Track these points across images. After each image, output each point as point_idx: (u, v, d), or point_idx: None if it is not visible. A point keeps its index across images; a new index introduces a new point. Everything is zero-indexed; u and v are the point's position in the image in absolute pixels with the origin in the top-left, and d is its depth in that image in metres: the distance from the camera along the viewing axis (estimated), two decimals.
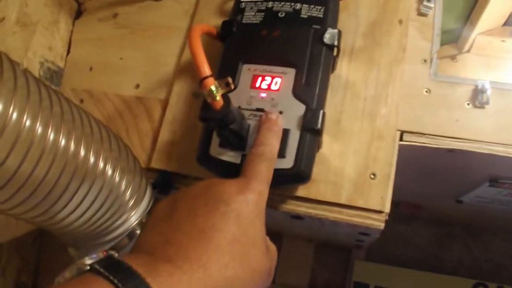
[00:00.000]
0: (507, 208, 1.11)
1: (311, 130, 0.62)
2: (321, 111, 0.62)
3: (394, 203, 0.70)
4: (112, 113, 0.84)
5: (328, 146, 0.70)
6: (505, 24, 1.54)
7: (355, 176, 0.69)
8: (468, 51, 0.95)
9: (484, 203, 1.08)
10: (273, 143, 0.58)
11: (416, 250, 1.61)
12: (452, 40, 1.83)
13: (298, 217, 0.74)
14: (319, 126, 0.62)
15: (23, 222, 0.63)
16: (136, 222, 0.64)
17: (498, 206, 1.09)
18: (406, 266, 1.56)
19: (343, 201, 0.68)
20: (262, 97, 0.64)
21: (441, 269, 1.57)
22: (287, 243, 1.60)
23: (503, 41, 1.04)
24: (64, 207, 0.56)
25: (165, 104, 0.81)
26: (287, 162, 0.61)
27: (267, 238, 0.54)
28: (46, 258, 0.89)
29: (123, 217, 0.62)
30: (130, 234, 0.64)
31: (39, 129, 0.49)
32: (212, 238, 0.44)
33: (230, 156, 0.63)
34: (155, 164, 0.76)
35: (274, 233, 1.48)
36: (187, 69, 0.81)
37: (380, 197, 0.68)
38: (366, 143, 0.70)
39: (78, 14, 0.96)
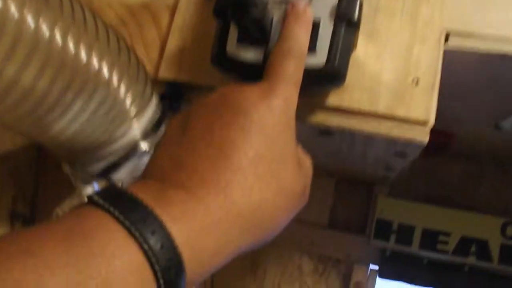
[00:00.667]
0: None
1: (346, 21, 0.52)
2: (356, 2, 0.52)
3: None
4: (115, 22, 0.74)
5: (362, 48, 0.60)
6: None
7: (394, 82, 0.59)
8: None
9: None
10: (302, 37, 0.48)
11: (443, 186, 1.53)
12: None
13: (327, 132, 0.64)
14: (356, 16, 0.52)
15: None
16: (140, 133, 0.55)
17: None
18: (432, 204, 1.48)
19: (381, 110, 0.59)
20: None
21: (469, 206, 1.49)
22: None
23: None
24: (52, 109, 0.47)
25: (173, 9, 0.71)
26: (318, 59, 0.51)
27: (300, 149, 0.45)
28: (44, 187, 0.81)
29: (124, 127, 0.53)
30: (133, 148, 0.55)
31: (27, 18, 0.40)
32: (231, 156, 0.37)
33: (250, 54, 0.53)
34: (163, 74, 0.67)
35: None
36: None
37: (424, 107, 0.58)
38: (406, 44, 0.60)
39: None
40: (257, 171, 0.37)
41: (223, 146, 0.38)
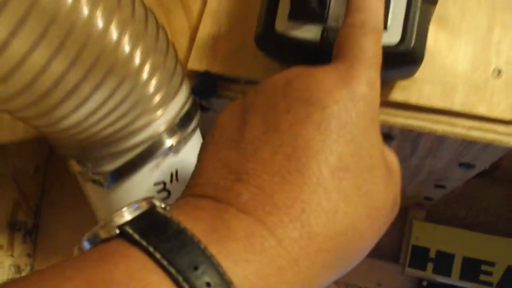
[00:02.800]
0: None
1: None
2: None
3: None
4: None
5: (433, 34, 0.51)
6: None
7: (472, 74, 0.50)
8: None
9: None
10: (377, 7, 0.37)
11: (483, 212, 1.44)
12: None
13: (387, 136, 0.55)
14: None
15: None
16: (165, 127, 0.46)
17: None
18: (471, 230, 1.39)
19: (456, 107, 0.49)
20: None
21: (511, 234, 1.40)
22: None
23: None
24: (67, 97, 0.38)
25: None
26: (391, 36, 0.42)
27: (385, 148, 0.35)
28: (49, 196, 0.72)
29: (146, 117, 0.44)
30: (155, 143, 0.46)
31: None
32: (308, 167, 0.28)
33: (305, 31, 0.44)
34: (193, 64, 0.58)
35: None
36: None
37: (509, 102, 0.49)
38: (484, 30, 0.51)
39: None
40: (341, 186, 0.28)
41: (296, 153, 0.28)
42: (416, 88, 0.50)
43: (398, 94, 0.50)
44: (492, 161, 0.57)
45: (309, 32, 0.43)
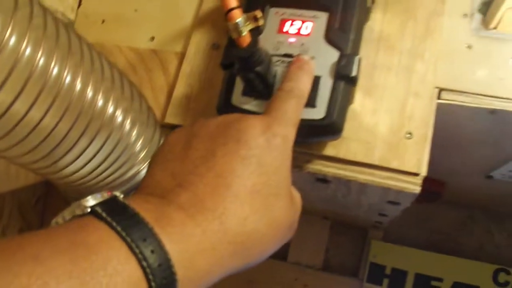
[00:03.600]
0: None
1: (345, 78, 0.56)
2: (357, 57, 0.56)
3: None
4: (125, 67, 0.78)
5: (360, 102, 0.64)
6: None
7: (389, 135, 0.63)
8: (495, 28, 0.87)
9: None
10: (304, 80, 0.51)
11: (435, 232, 1.56)
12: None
13: (324, 180, 0.68)
14: (354, 73, 0.56)
15: (24, 175, 0.57)
16: None
17: None
18: (424, 249, 1.51)
19: (375, 161, 0.62)
20: (291, 42, 0.58)
21: (461, 252, 1.51)
22: (302, 220, 1.53)
23: None
24: (66, 154, 0.50)
25: (181, 57, 0.75)
26: (318, 112, 0.55)
27: (292, 186, 0.48)
28: (50, 220, 0.84)
29: (133, 170, 0.57)
30: None
31: (41, 60, 0.43)
32: (231, 185, 0.39)
33: (254, 105, 0.57)
34: (170, 119, 0.70)
35: None
36: (207, 20, 0.75)
37: (416, 159, 0.62)
38: (401, 100, 0.64)
39: None
40: (253, 202, 0.39)
41: (224, 173, 0.39)
42: (345, 145, 0.63)
43: (330, 150, 0.63)
44: (411, 201, 0.70)
45: (257, 106, 0.57)
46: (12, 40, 0.40)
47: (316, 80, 0.55)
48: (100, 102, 0.51)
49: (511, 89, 0.66)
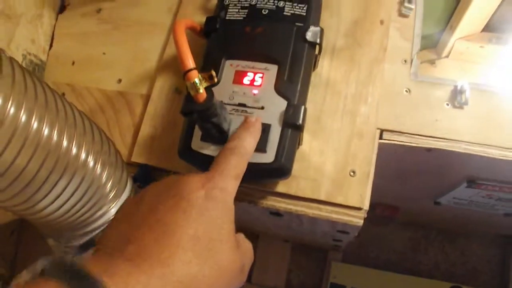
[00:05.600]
0: (483, 211, 1.13)
1: (292, 125, 0.62)
2: (303, 107, 0.63)
3: (371, 206, 0.70)
4: (94, 107, 0.84)
5: (308, 143, 0.71)
6: (483, 30, 1.56)
7: (334, 173, 0.70)
8: (447, 56, 0.96)
9: (461, 205, 1.09)
10: (247, 139, 0.57)
11: (392, 252, 1.63)
12: (432, 45, 1.85)
13: (277, 213, 0.74)
14: (300, 121, 0.62)
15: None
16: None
17: (475, 208, 1.11)
18: (382, 269, 1.58)
19: (322, 197, 0.69)
20: (244, 93, 0.65)
21: (417, 272, 1.59)
22: (264, 243, 1.61)
23: (481, 47, 1.06)
24: (45, 197, 0.55)
25: (146, 99, 0.81)
26: (268, 157, 0.61)
27: (241, 235, 0.53)
28: (23, 251, 0.89)
29: (103, 209, 0.62)
30: None
31: (23, 118, 0.49)
32: (174, 233, 0.43)
33: (211, 150, 0.63)
34: (136, 158, 0.76)
35: (250, 233, 1.50)
36: (170, 65, 0.81)
37: (359, 194, 0.69)
38: (345, 140, 0.71)
39: (62, 8, 0.96)
40: (195, 248, 0.43)
41: (167, 224, 0.43)
42: (295, 183, 0.69)
43: (282, 187, 0.69)
44: (357, 231, 0.76)
45: (214, 150, 0.63)
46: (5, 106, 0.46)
47: (267, 128, 0.62)
48: (74, 149, 0.56)
49: (445, 129, 0.73)
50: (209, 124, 0.60)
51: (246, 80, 0.66)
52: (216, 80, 0.57)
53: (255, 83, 0.65)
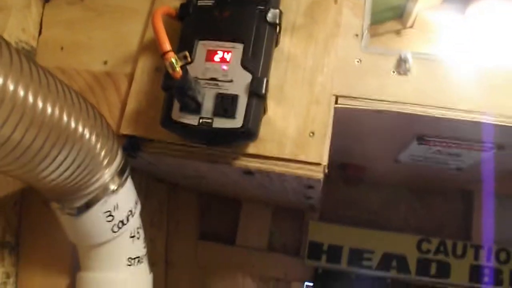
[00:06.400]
0: (439, 167, 1.24)
1: (256, 95, 0.73)
2: (265, 79, 0.74)
3: (341, 166, 0.81)
4: (83, 87, 0.94)
5: (273, 110, 0.82)
6: (444, 1, 1.70)
7: (296, 135, 0.81)
8: (412, 26, 1.06)
9: (419, 161, 1.21)
10: None
11: (366, 211, 1.76)
12: (398, 16, 1.98)
13: (249, 172, 0.85)
14: (263, 91, 0.73)
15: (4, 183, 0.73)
16: (109, 178, 0.75)
17: (431, 164, 1.22)
18: (357, 226, 1.71)
19: (286, 155, 0.80)
20: (215, 69, 0.75)
21: (389, 227, 1.72)
22: (246, 208, 1.73)
23: (442, 16, 1.17)
24: (48, 166, 0.66)
25: (131, 77, 0.91)
26: (237, 122, 0.72)
27: None
28: (27, 220, 0.99)
29: (98, 174, 0.73)
30: (104, 188, 0.75)
31: (29, 99, 0.59)
32: None
33: (189, 119, 0.74)
34: (124, 130, 0.87)
35: (233, 198, 1.62)
36: (150, 47, 0.91)
37: (318, 152, 0.80)
38: (305, 106, 0.82)
39: None
40: None
41: None
42: (262, 145, 0.81)
43: (252, 149, 0.81)
44: (320, 184, 0.88)
45: (191, 119, 0.74)
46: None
47: (235, 98, 0.73)
48: (73, 124, 0.67)
49: (392, 94, 0.84)
50: (186, 97, 0.70)
51: (216, 58, 0.76)
52: (189, 60, 0.68)
53: (224, 60, 0.76)
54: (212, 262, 1.75)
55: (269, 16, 0.78)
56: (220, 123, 0.72)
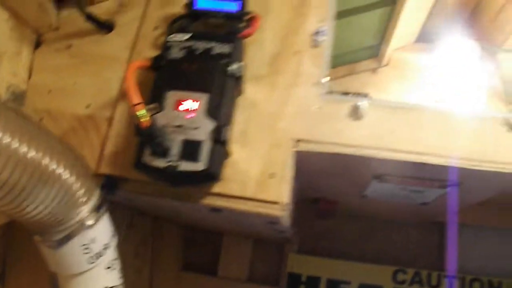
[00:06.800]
0: (405, 202, 1.32)
1: (219, 141, 0.82)
2: (227, 127, 0.83)
3: (314, 201, 0.89)
4: (68, 129, 1.02)
5: (238, 153, 0.90)
6: (416, 41, 1.80)
7: (258, 176, 0.89)
8: (387, 64, 1.15)
9: (385, 197, 1.28)
10: None
11: (342, 242, 1.84)
12: (374, 55, 2.08)
13: (216, 209, 0.93)
14: (224, 138, 0.82)
15: None
16: (87, 214, 0.83)
17: (398, 200, 1.30)
18: (334, 258, 1.79)
19: (248, 195, 0.88)
20: (183, 117, 0.84)
21: (365, 258, 1.80)
22: (227, 240, 1.80)
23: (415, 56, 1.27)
24: (32, 203, 0.74)
25: (111, 121, 1.00)
26: (201, 166, 0.80)
27: None
28: (12, 251, 1.07)
29: (78, 210, 0.81)
30: (82, 223, 0.82)
31: (16, 144, 0.67)
32: None
33: (157, 162, 0.82)
34: (102, 169, 0.95)
35: (216, 232, 1.69)
36: None
37: (278, 191, 0.88)
38: (267, 150, 0.90)
39: (38, 44, 1.14)
40: None
41: None
42: (227, 184, 0.89)
43: (217, 188, 0.89)
44: (283, 222, 0.95)
45: (160, 163, 0.82)
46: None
47: (200, 143, 0.81)
48: (54, 165, 0.75)
49: (348, 137, 0.92)
50: (154, 143, 0.79)
51: (184, 107, 0.85)
52: (156, 111, 0.77)
53: (191, 109, 0.84)
54: None
55: (232, 69, 0.86)
56: (185, 166, 0.80)
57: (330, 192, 1.40)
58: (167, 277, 1.75)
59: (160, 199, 0.93)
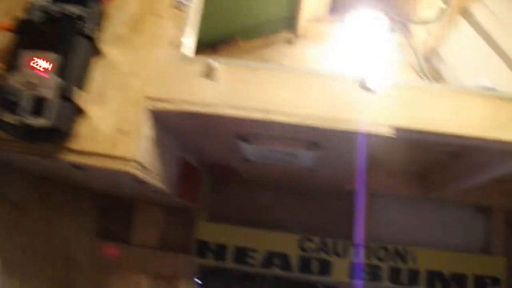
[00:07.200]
0: (291, 167, 1.37)
1: (66, 99, 0.87)
2: (73, 85, 0.88)
3: (210, 167, 0.93)
4: None
5: (93, 111, 0.96)
6: (330, 12, 1.88)
7: (112, 133, 0.95)
8: (302, 36, 1.20)
9: (268, 159, 1.33)
10: None
11: (250, 210, 1.93)
12: (290, 26, 2.15)
13: (76, 166, 0.98)
14: (71, 95, 0.87)
15: None
16: None
17: (283, 164, 1.34)
18: (242, 225, 1.87)
19: (99, 150, 0.94)
20: (35, 75, 0.88)
21: (272, 226, 1.88)
22: (139, 208, 1.86)
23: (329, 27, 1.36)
24: None
25: None
26: (49, 122, 0.86)
27: None
28: None
29: None
30: None
31: None
32: None
33: (9, 118, 0.87)
34: None
35: (125, 200, 1.73)
36: None
37: (129, 148, 0.94)
38: (121, 108, 0.96)
39: None
40: None
41: None
42: (82, 141, 0.95)
43: (71, 144, 0.94)
44: (144, 179, 1.00)
45: (12, 119, 0.86)
46: None
47: (49, 101, 0.86)
48: None
49: (203, 97, 0.98)
50: (5, 100, 0.84)
51: (35, 65, 0.89)
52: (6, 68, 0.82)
53: (42, 67, 0.89)
54: (110, 260, 1.85)
55: (85, 30, 0.91)
56: (34, 121, 0.85)
57: (216, 157, 1.46)
58: (83, 245, 1.78)
59: (22, 156, 0.97)
